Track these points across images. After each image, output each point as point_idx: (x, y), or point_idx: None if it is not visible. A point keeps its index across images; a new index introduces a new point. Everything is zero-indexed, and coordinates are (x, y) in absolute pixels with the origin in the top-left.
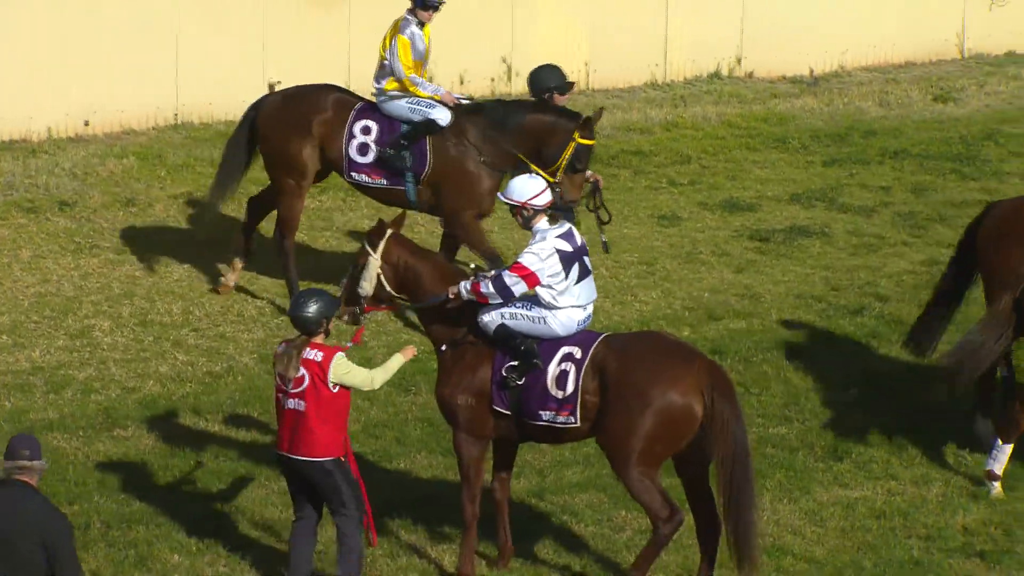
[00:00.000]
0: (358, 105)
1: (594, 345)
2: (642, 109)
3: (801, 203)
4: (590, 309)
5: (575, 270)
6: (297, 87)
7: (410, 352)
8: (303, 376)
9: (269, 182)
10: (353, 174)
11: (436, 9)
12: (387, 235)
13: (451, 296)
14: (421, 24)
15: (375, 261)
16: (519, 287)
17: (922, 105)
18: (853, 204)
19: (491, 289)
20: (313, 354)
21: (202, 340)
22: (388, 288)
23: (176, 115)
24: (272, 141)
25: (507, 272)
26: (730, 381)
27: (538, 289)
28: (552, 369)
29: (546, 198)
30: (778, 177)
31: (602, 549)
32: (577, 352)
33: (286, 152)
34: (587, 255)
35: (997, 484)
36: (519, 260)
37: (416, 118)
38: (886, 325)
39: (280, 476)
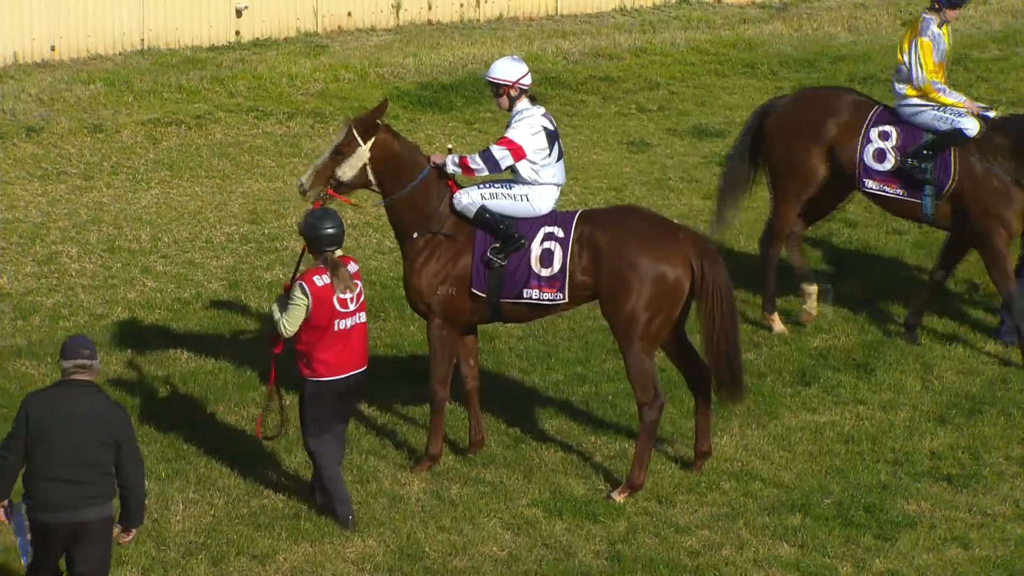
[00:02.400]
0: (877, 109)
1: (575, 222)
2: (611, 35)
3: None
4: (559, 190)
5: (556, 148)
6: (807, 90)
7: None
8: (360, 290)
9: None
10: (867, 181)
11: (961, 6)
12: (380, 126)
13: (435, 165)
14: (942, 23)
15: (364, 151)
16: (506, 160)
17: (891, 30)
18: None
19: (479, 163)
20: (354, 267)
21: (170, 267)
22: (369, 176)
23: (143, 40)
24: (779, 145)
25: (495, 146)
26: (713, 247)
27: (521, 164)
28: (536, 248)
29: (530, 79)
30: (747, 103)
31: (573, 473)
32: (558, 231)
33: (792, 156)
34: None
35: None
36: (507, 135)
37: (942, 127)
38: (855, 250)
39: (245, 404)
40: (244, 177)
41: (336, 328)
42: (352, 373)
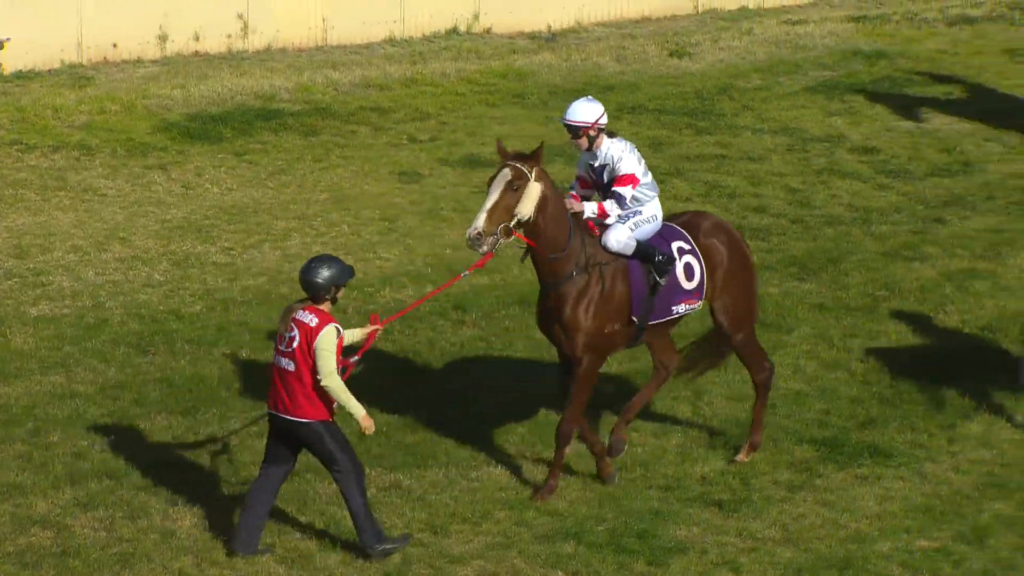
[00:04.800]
0: None
1: (687, 232)
2: (381, 65)
3: None
4: None
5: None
6: None
7: (368, 423)
8: (295, 336)
9: None
10: None
11: None
12: (538, 164)
13: (575, 211)
14: None
15: (537, 186)
16: (629, 192)
17: (658, 60)
18: None
19: (615, 207)
20: (308, 317)
21: None
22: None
23: None
24: None
25: (617, 187)
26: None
27: (637, 191)
28: (679, 265)
29: (606, 118)
30: (518, 132)
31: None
32: (684, 244)
33: None
34: None
35: None
36: (626, 172)
37: None
38: None
39: (10, 441)
40: (7, 211)
41: (275, 359)
42: (276, 413)
